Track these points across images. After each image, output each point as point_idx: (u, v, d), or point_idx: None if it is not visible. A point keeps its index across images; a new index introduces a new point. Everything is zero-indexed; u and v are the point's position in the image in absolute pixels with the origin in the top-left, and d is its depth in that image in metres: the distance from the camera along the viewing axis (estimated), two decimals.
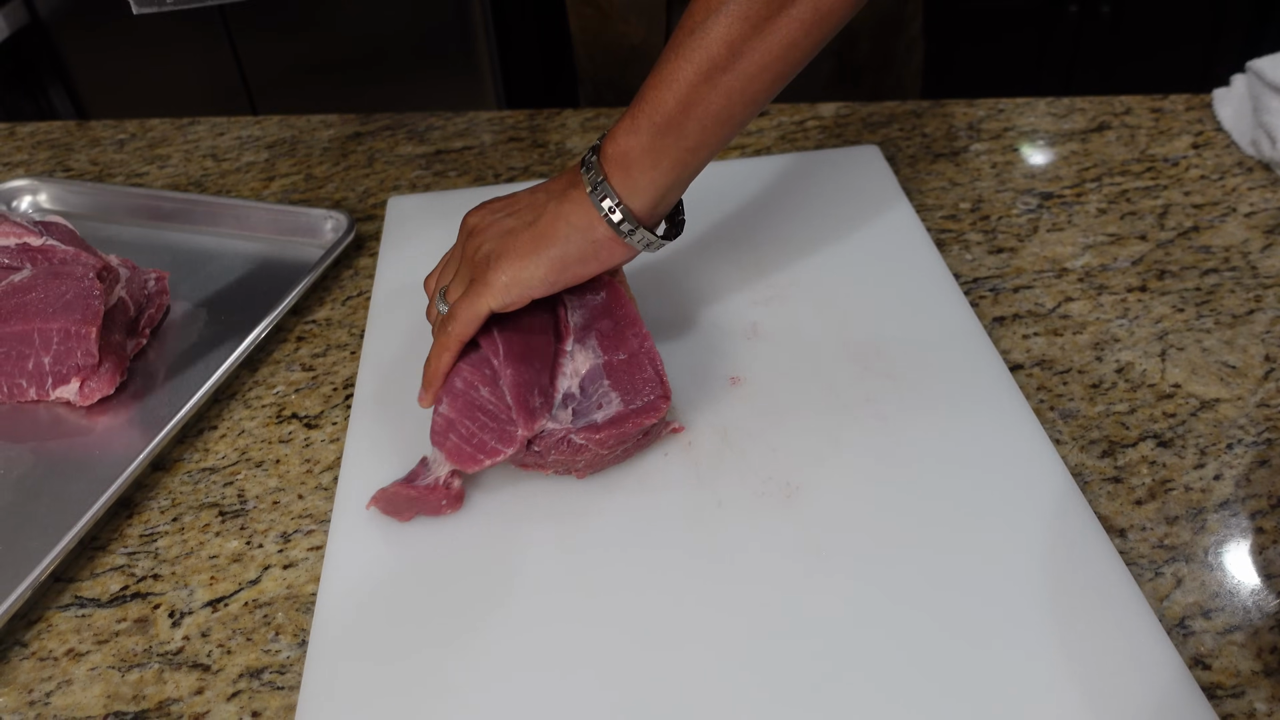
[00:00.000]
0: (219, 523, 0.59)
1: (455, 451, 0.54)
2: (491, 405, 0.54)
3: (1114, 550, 0.51)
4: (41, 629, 0.54)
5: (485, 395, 0.55)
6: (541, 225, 0.55)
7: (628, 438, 0.55)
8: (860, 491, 0.56)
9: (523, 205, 0.57)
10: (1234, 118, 0.85)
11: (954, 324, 0.65)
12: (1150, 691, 0.46)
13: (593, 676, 0.48)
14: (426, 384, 0.57)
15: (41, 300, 0.65)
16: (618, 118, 0.57)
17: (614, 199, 0.53)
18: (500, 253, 0.55)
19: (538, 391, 0.55)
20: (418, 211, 0.81)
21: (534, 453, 0.55)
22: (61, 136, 0.98)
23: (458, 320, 0.55)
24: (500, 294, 0.55)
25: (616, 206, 0.54)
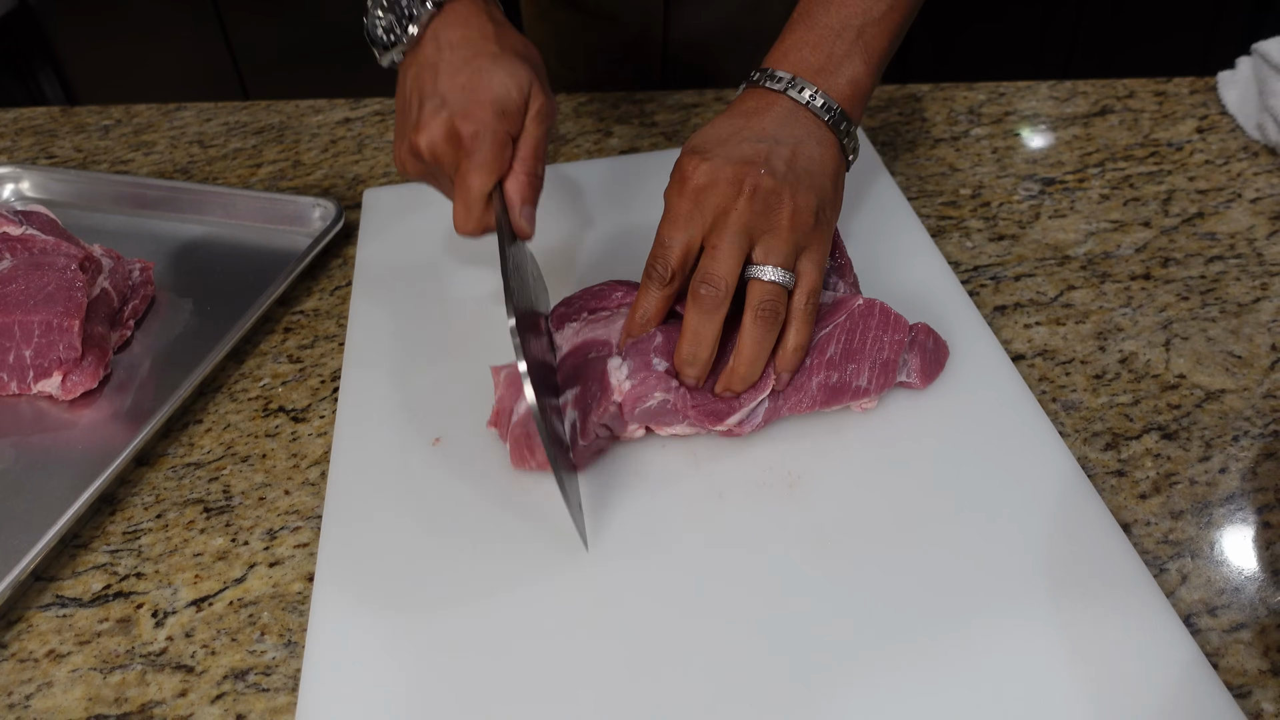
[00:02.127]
0: (204, 519, 0.58)
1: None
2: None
3: (1124, 538, 0.50)
4: (21, 629, 0.53)
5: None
6: (822, 169, 0.56)
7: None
8: (863, 481, 0.55)
9: (773, 155, 0.54)
10: (1239, 101, 0.84)
11: (953, 312, 0.64)
12: (1166, 679, 0.45)
13: (593, 668, 0.47)
14: (795, 364, 0.55)
15: (22, 292, 0.64)
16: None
17: (850, 124, 0.58)
18: (821, 202, 0.55)
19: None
20: (395, 203, 0.79)
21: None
22: (45, 123, 0.97)
23: (816, 289, 0.55)
24: (829, 250, 0.56)
25: (852, 131, 0.58)
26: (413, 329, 0.67)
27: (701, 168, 0.54)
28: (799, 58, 0.58)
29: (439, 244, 0.74)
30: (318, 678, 0.48)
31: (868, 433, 0.57)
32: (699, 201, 0.54)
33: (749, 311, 0.53)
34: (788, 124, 0.56)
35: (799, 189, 0.54)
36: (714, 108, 0.90)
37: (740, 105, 0.58)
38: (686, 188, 0.54)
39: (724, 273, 0.53)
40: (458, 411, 0.60)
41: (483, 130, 0.56)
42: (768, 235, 0.53)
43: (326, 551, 0.53)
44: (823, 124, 0.57)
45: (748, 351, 0.53)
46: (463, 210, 0.58)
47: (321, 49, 2.04)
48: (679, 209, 0.54)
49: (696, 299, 0.53)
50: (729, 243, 0.53)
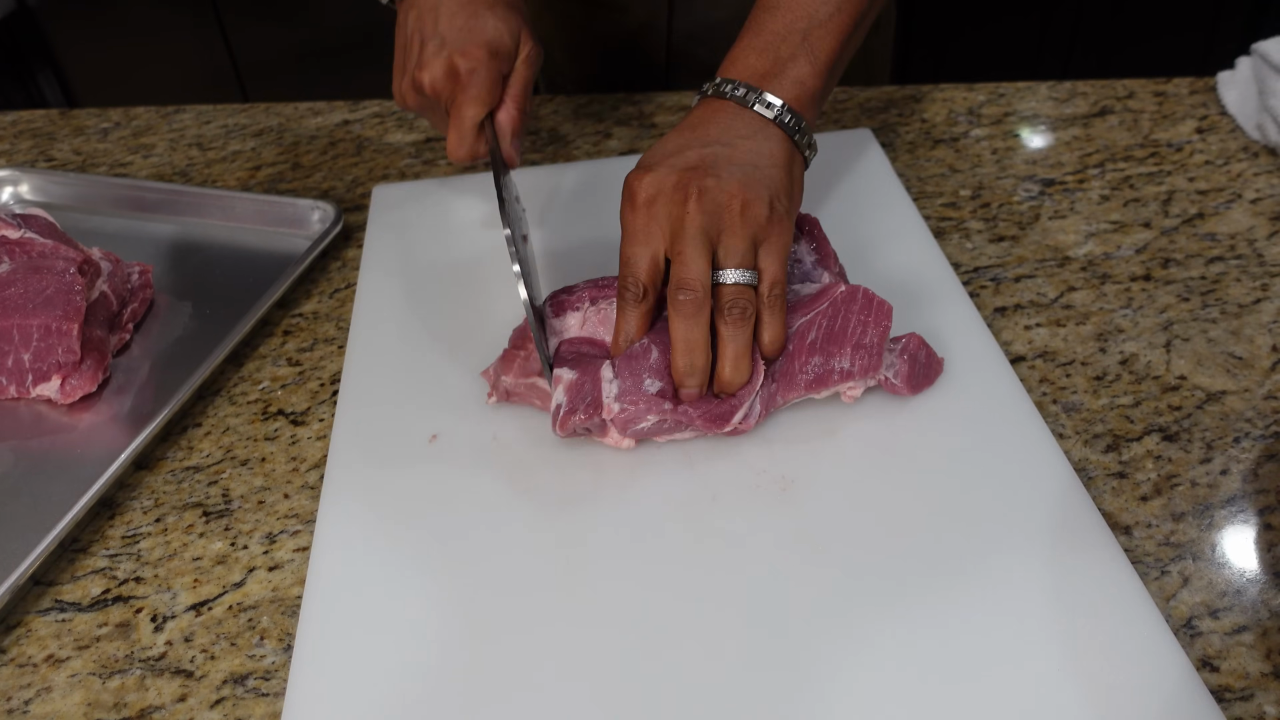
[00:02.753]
0: (203, 523, 0.57)
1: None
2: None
3: (1118, 547, 0.50)
4: (20, 634, 0.53)
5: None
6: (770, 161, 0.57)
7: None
8: (856, 485, 0.54)
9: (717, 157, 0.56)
10: (1239, 101, 0.84)
11: (954, 314, 0.64)
12: (1156, 692, 0.44)
13: (586, 671, 0.47)
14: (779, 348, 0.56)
15: (21, 295, 0.64)
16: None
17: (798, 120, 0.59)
18: (772, 192, 0.56)
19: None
20: (404, 201, 0.79)
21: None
22: (44, 125, 0.96)
23: (779, 279, 0.55)
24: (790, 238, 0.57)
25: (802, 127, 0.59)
26: (416, 324, 0.67)
27: (646, 180, 0.55)
28: (745, 64, 0.60)
29: (446, 240, 0.74)
30: (308, 670, 0.48)
31: (863, 436, 0.57)
32: (651, 214, 0.55)
33: (719, 316, 0.54)
34: (732, 127, 0.58)
35: (746, 184, 0.55)
36: None
37: (689, 118, 0.60)
38: (637, 203, 0.55)
39: (696, 274, 0.53)
40: (456, 408, 0.61)
41: (478, 67, 0.63)
42: (724, 235, 0.54)
43: (321, 544, 0.54)
44: (769, 122, 0.58)
45: (729, 352, 0.54)
46: (456, 137, 0.64)
47: (321, 52, 2.04)
48: (634, 225, 0.55)
49: (678, 307, 0.53)
50: (692, 246, 0.54)
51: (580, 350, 0.58)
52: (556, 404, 0.55)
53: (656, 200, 0.55)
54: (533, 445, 0.58)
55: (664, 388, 0.54)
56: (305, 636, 0.50)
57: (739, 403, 0.55)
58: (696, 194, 0.54)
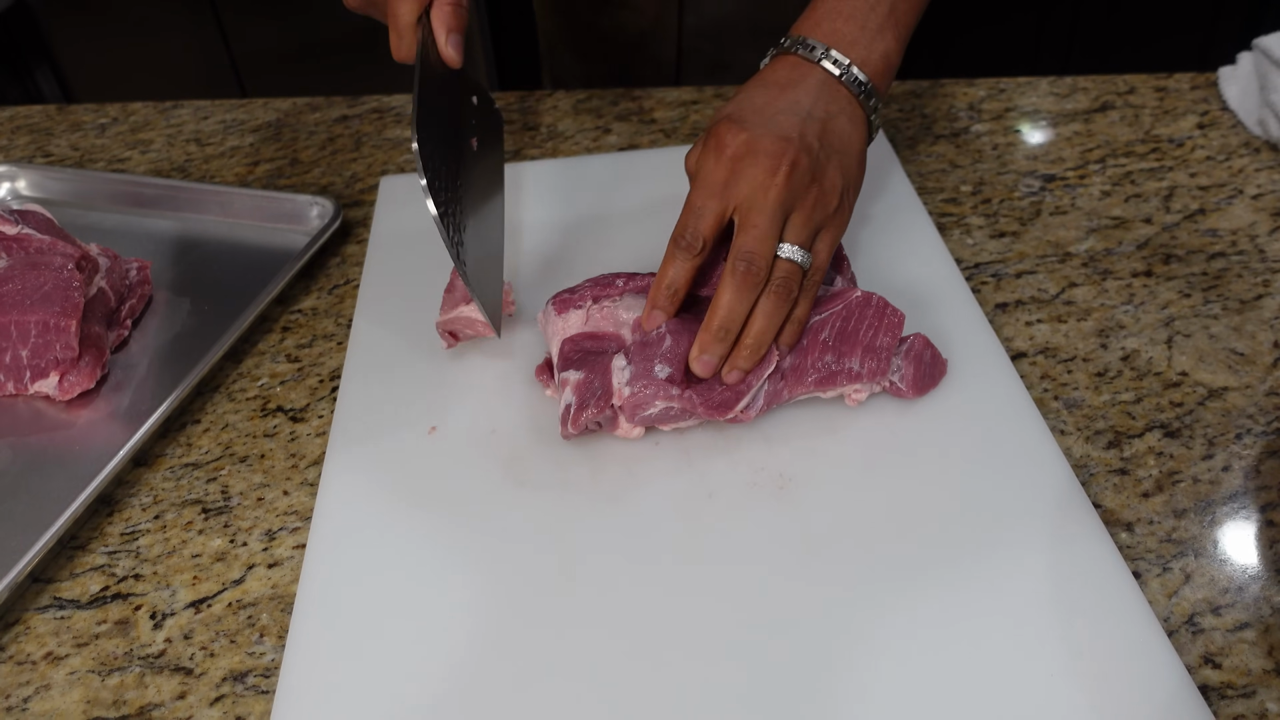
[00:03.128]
0: (202, 520, 0.57)
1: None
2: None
3: (1114, 548, 0.50)
4: (19, 631, 0.52)
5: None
6: (851, 148, 0.56)
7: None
8: (853, 484, 0.54)
9: (810, 132, 0.55)
10: (1240, 97, 0.84)
11: (955, 310, 0.64)
12: (1149, 694, 0.44)
13: (581, 669, 0.47)
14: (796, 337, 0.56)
15: (18, 292, 0.63)
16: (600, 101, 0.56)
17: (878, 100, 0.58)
18: (847, 183, 0.55)
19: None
20: (410, 192, 0.79)
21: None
22: (41, 121, 0.96)
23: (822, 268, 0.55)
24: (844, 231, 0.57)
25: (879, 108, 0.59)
26: (418, 316, 0.67)
27: (741, 137, 0.53)
28: (832, 28, 0.58)
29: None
30: (301, 664, 0.47)
31: (861, 434, 0.57)
32: (736, 171, 0.53)
33: (769, 286, 0.53)
34: (822, 97, 0.56)
35: (829, 169, 0.54)
36: (713, 104, 0.90)
37: (772, 74, 0.58)
38: (724, 155, 0.53)
39: (766, 251, 0.53)
40: (456, 401, 0.61)
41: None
42: (795, 214, 0.54)
43: (317, 537, 0.54)
44: (855, 99, 0.57)
45: (758, 325, 0.53)
46: (395, 37, 0.60)
47: (318, 47, 2.03)
48: (715, 176, 0.53)
49: (735, 275, 0.52)
50: (770, 221, 0.53)
51: (584, 348, 0.57)
52: (566, 404, 0.55)
53: (745, 159, 0.53)
54: (532, 438, 0.58)
55: (673, 373, 0.54)
56: (299, 629, 0.49)
57: (745, 389, 0.55)
58: (789, 168, 0.53)
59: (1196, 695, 0.44)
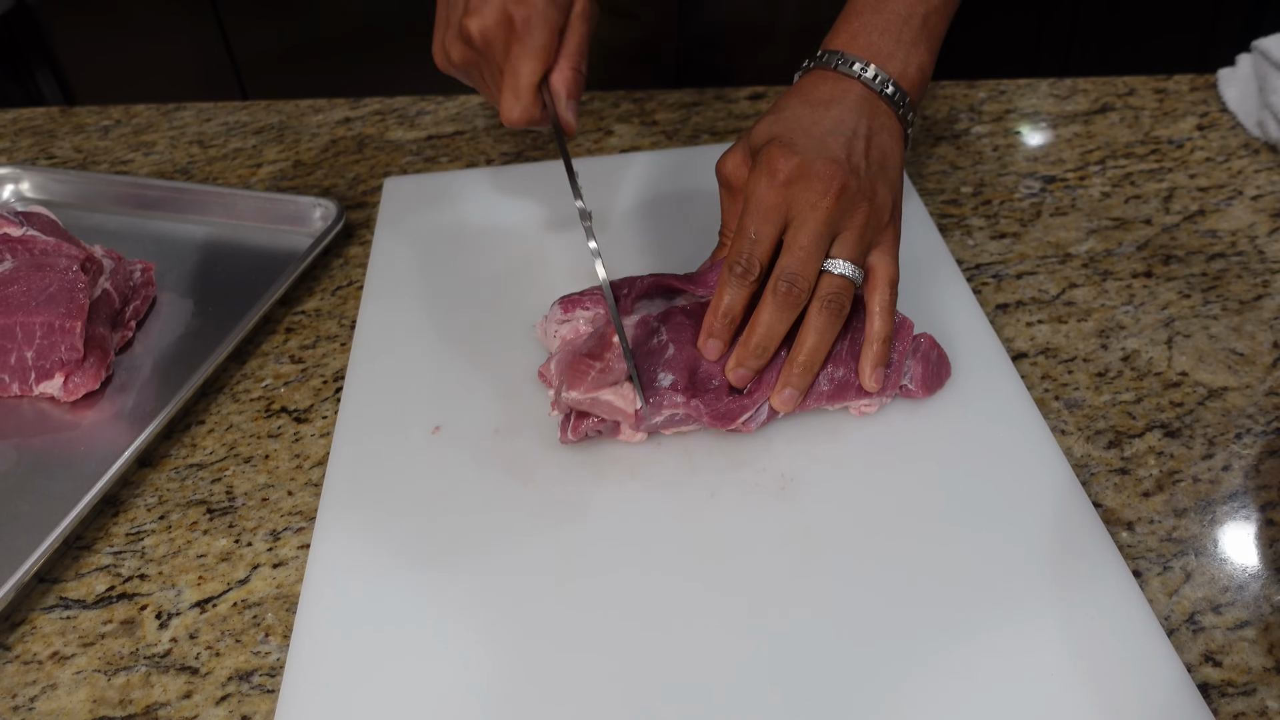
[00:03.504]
0: (207, 520, 0.57)
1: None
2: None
3: (1114, 548, 0.50)
4: (25, 631, 0.53)
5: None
6: (894, 162, 0.56)
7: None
8: (854, 485, 0.54)
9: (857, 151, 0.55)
10: (1239, 98, 0.84)
11: (957, 311, 0.64)
12: (1149, 694, 0.45)
13: (584, 670, 0.47)
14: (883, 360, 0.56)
15: (23, 293, 0.64)
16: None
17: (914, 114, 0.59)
18: (895, 197, 0.56)
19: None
20: (414, 193, 0.79)
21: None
22: (45, 123, 0.96)
23: (896, 279, 0.56)
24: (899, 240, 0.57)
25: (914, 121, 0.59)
26: (422, 316, 0.67)
27: (793, 161, 0.54)
28: (868, 42, 0.58)
29: (455, 232, 0.75)
30: (304, 664, 0.48)
31: (863, 435, 0.57)
32: (788, 194, 0.54)
33: (816, 302, 0.54)
34: (864, 114, 0.56)
35: (878, 187, 0.55)
36: (714, 106, 0.90)
37: (812, 90, 0.58)
38: (777, 180, 0.54)
39: (809, 273, 0.53)
40: (460, 401, 0.61)
41: (534, 15, 0.56)
42: (845, 233, 0.54)
43: (321, 535, 0.54)
44: (894, 114, 0.58)
45: (811, 343, 0.54)
46: (511, 97, 0.57)
47: (320, 49, 2.04)
48: (768, 201, 0.54)
49: (777, 295, 0.53)
50: (816, 242, 0.53)
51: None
52: (565, 413, 0.55)
53: (797, 184, 0.53)
54: (534, 438, 0.58)
55: (676, 381, 0.54)
56: (302, 629, 0.50)
57: (750, 404, 0.55)
58: (839, 190, 0.53)
59: (1196, 694, 0.44)
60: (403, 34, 1.86)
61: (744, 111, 0.89)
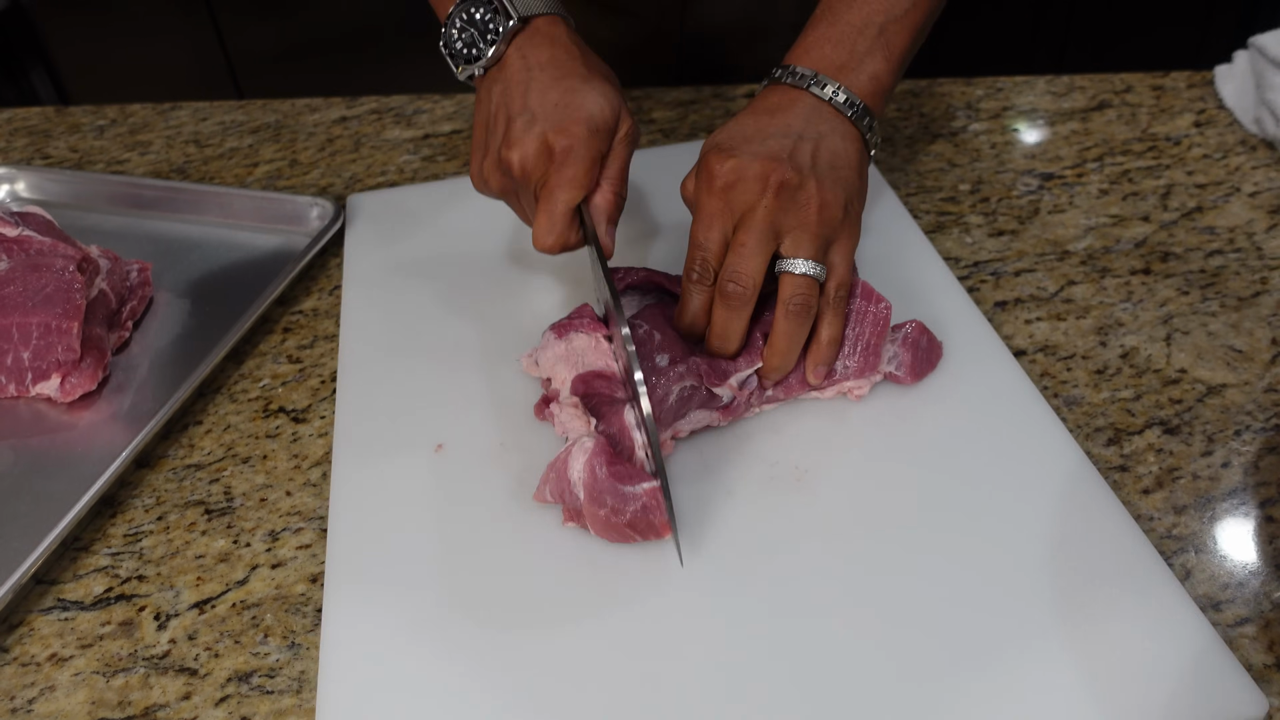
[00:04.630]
0: (205, 521, 0.57)
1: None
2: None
3: (1134, 525, 0.50)
4: (23, 633, 0.52)
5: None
6: (847, 163, 0.57)
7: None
8: (870, 473, 0.55)
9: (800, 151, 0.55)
10: (1236, 95, 0.84)
11: (952, 308, 0.64)
12: (1181, 662, 0.45)
13: (601, 668, 0.47)
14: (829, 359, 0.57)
15: (20, 294, 0.63)
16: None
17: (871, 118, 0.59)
18: (848, 196, 0.56)
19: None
20: (380, 209, 0.78)
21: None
22: (40, 123, 0.96)
23: (846, 280, 0.56)
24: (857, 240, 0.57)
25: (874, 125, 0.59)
26: (404, 335, 0.66)
27: (728, 164, 0.54)
28: (820, 54, 0.59)
29: (428, 249, 0.74)
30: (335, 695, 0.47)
31: (872, 426, 0.57)
32: (728, 199, 0.54)
33: (781, 306, 0.54)
34: (811, 120, 0.57)
35: (824, 183, 0.55)
36: (711, 104, 0.90)
37: (763, 102, 0.59)
38: (715, 185, 0.54)
39: (750, 270, 0.53)
40: (456, 418, 0.60)
41: (576, 145, 0.56)
42: (796, 230, 0.54)
43: (334, 563, 0.53)
44: (845, 119, 0.58)
45: (780, 345, 0.54)
46: (546, 223, 0.57)
47: (316, 48, 2.03)
48: (710, 207, 0.55)
49: (724, 296, 0.54)
50: (755, 239, 0.53)
51: (595, 389, 0.56)
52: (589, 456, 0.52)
53: (735, 186, 0.54)
54: (540, 452, 0.57)
55: (671, 356, 0.55)
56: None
57: (738, 366, 0.56)
58: (776, 187, 0.53)
59: (1232, 658, 0.45)
60: (399, 33, 1.86)
61: (741, 109, 0.89)
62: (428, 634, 0.49)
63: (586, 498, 0.50)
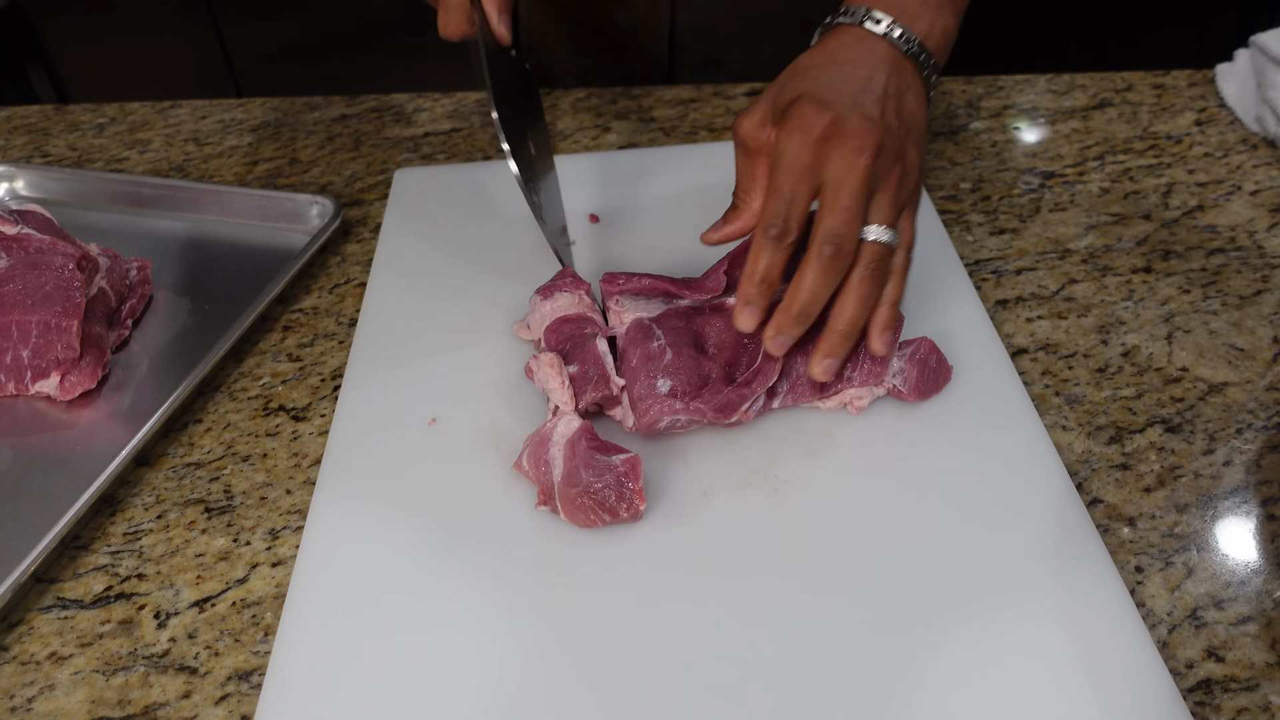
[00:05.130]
0: (205, 519, 0.57)
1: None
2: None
3: (1106, 552, 0.50)
4: (22, 632, 0.52)
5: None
6: (918, 125, 0.56)
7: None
8: (848, 485, 0.54)
9: (889, 110, 0.54)
10: (1237, 94, 0.84)
11: (957, 308, 0.64)
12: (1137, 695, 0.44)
13: (571, 669, 0.47)
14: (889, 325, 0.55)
15: (19, 292, 0.63)
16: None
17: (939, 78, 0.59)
18: (921, 160, 0.55)
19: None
20: (424, 185, 0.79)
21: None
22: (39, 121, 0.96)
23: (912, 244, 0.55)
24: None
25: (937, 80, 0.59)
26: (427, 308, 0.67)
27: (827, 116, 0.52)
28: (894, 1, 0.57)
29: (463, 224, 0.75)
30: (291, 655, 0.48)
31: (857, 435, 0.57)
32: (823, 151, 0.52)
33: (860, 269, 0.52)
34: (893, 74, 0.55)
35: (908, 147, 0.54)
36: (711, 103, 0.90)
37: (839, 48, 0.57)
38: (811, 137, 0.52)
39: (854, 234, 0.52)
40: (458, 394, 0.61)
41: None
42: (880, 194, 0.53)
43: (315, 526, 0.54)
44: (919, 76, 0.57)
45: (851, 311, 0.53)
46: (444, 14, 0.62)
47: (315, 47, 2.03)
48: (802, 159, 0.52)
49: (822, 259, 0.51)
50: (857, 203, 0.51)
51: (564, 333, 0.59)
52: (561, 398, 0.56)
53: (832, 140, 0.52)
54: (529, 432, 0.58)
55: (675, 387, 0.54)
56: (290, 622, 0.50)
57: (749, 394, 0.55)
58: (874, 149, 0.51)
59: (1177, 695, 0.44)
60: (397, 32, 1.85)
61: (741, 108, 0.89)
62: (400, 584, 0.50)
63: (562, 476, 0.51)
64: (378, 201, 0.81)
